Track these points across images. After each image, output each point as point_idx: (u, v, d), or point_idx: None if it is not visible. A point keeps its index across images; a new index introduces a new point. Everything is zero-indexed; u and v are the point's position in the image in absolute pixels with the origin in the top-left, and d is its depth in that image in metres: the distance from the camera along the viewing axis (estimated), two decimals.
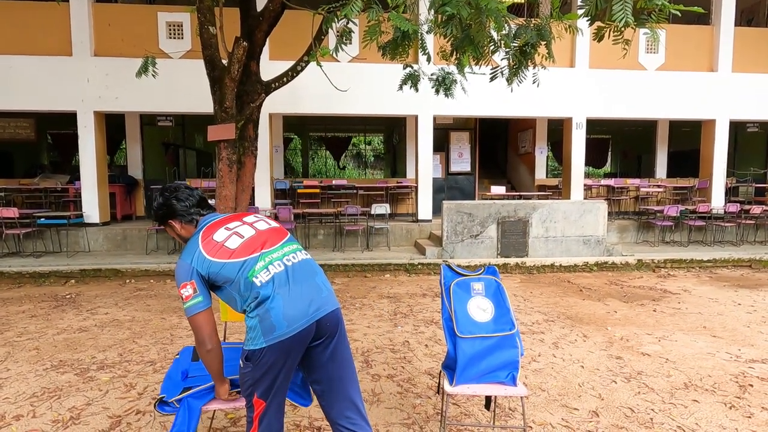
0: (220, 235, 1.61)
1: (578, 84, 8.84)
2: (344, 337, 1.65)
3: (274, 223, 1.73)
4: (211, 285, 1.60)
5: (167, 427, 2.42)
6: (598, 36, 3.38)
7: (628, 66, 8.69)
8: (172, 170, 9.90)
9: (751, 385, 2.94)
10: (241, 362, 1.56)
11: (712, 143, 9.23)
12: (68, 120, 8.22)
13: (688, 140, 11.59)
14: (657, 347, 3.62)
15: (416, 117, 8.71)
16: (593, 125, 9.93)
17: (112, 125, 9.07)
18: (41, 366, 3.24)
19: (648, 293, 5.43)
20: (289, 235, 1.72)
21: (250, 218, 1.71)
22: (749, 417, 2.55)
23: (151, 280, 6.12)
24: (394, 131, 12.81)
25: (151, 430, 2.41)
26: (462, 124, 10.92)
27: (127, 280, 6.12)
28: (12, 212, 6.76)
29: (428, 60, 5.01)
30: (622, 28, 2.88)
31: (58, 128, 10.78)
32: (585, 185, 9.35)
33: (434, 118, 8.83)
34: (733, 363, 3.31)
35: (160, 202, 1.73)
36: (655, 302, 5.00)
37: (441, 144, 10.59)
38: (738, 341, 3.76)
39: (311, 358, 1.60)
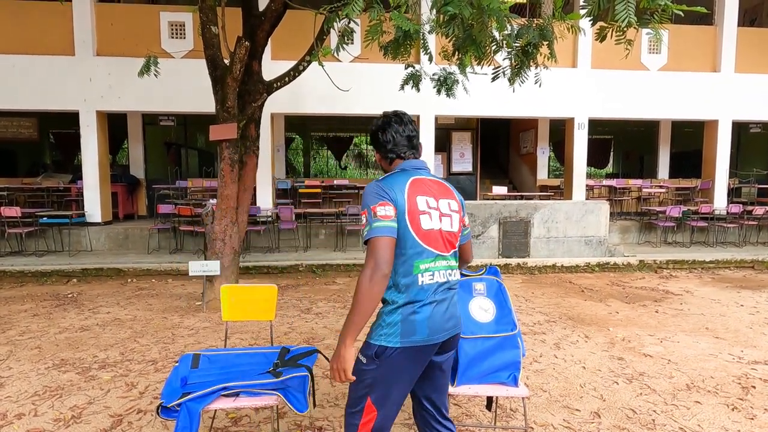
0: (421, 202, 1.48)
1: (580, 84, 8.82)
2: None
3: (456, 227, 1.56)
4: None
5: (168, 427, 2.42)
6: (601, 36, 3.37)
7: (630, 66, 8.67)
8: (174, 170, 9.91)
9: (754, 387, 2.93)
10: (362, 357, 1.42)
11: (714, 144, 9.20)
12: (71, 119, 8.25)
13: (690, 141, 11.56)
14: (659, 348, 3.61)
15: (418, 117, 8.71)
16: (595, 125, 9.91)
17: (114, 125, 9.09)
18: (43, 365, 3.24)
19: (650, 294, 5.42)
20: (456, 247, 1.59)
21: (445, 206, 1.53)
22: (752, 419, 2.54)
23: (153, 280, 6.13)
24: None
25: (152, 429, 2.41)
26: (464, 124, 10.91)
27: (129, 280, 6.13)
28: (14, 211, 6.78)
29: (430, 60, 5.00)
30: (625, 29, 2.87)
31: (61, 128, 10.81)
32: (587, 186, 9.34)
33: (436, 118, 8.82)
34: (735, 364, 3.29)
35: (378, 124, 1.64)
36: (657, 303, 4.99)
37: (443, 144, 10.59)
38: (740, 342, 3.75)
39: (428, 370, 1.54)
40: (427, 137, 8.65)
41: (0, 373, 3.09)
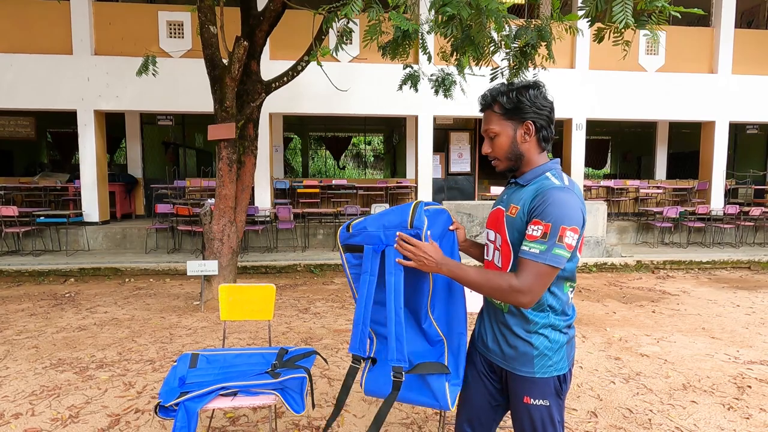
0: None
1: (578, 85, 8.85)
2: None
3: None
4: None
5: (166, 426, 2.42)
6: (598, 37, 3.39)
7: (628, 67, 8.70)
8: (172, 169, 9.89)
9: (750, 387, 2.95)
10: (542, 402, 1.23)
11: (711, 145, 9.24)
12: (68, 118, 8.22)
13: (687, 142, 11.61)
14: (656, 348, 3.63)
15: (416, 117, 8.72)
16: (593, 126, 9.95)
17: (112, 124, 9.07)
18: (40, 364, 3.24)
19: (647, 294, 5.44)
20: None
21: None
22: (747, 418, 2.56)
23: (151, 279, 6.12)
24: (394, 131, 12.82)
25: (150, 428, 2.41)
26: (462, 124, 10.93)
27: (127, 279, 6.12)
28: (11, 210, 6.76)
29: (429, 60, 5.02)
30: (623, 30, 2.88)
31: (58, 127, 10.78)
32: (585, 186, 9.36)
33: (434, 119, 8.84)
34: (731, 364, 3.31)
35: (546, 96, 1.27)
36: (654, 303, 5.01)
37: (441, 144, 10.60)
38: (737, 342, 3.77)
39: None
40: (425, 137, 8.66)
41: None
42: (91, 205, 7.95)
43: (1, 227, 7.02)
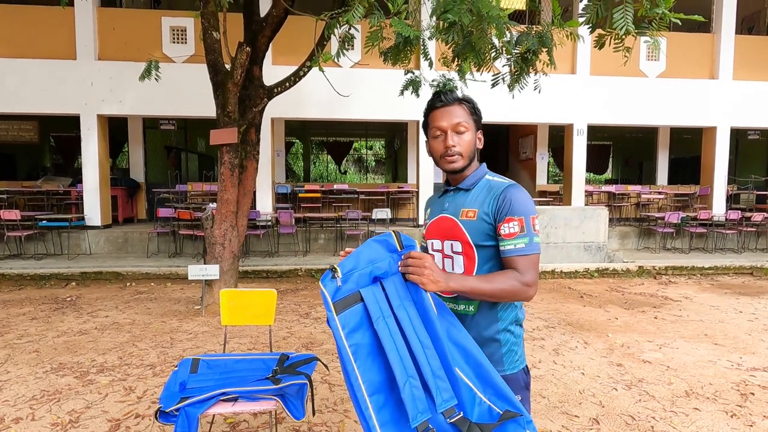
0: None
1: (579, 90, 8.87)
2: None
3: None
4: None
5: (166, 431, 2.42)
6: (599, 43, 3.40)
7: (629, 73, 8.72)
8: (174, 173, 9.92)
9: (753, 394, 2.93)
10: (518, 396, 1.20)
11: (713, 150, 9.24)
12: (71, 123, 8.27)
13: (689, 147, 11.61)
14: (658, 354, 3.61)
15: (417, 122, 8.74)
16: (594, 131, 9.96)
17: (115, 128, 9.11)
18: (41, 369, 3.24)
19: (649, 300, 5.42)
20: None
21: None
22: (751, 426, 2.54)
23: (152, 284, 6.12)
24: (395, 136, 12.85)
25: None
26: None
27: (128, 283, 6.12)
28: (14, 214, 6.78)
29: (430, 66, 5.04)
30: (623, 36, 2.89)
31: (61, 131, 10.83)
32: (586, 191, 9.36)
33: None
34: (734, 371, 3.29)
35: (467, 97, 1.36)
36: (656, 309, 4.99)
37: None
38: (739, 349, 3.75)
39: None
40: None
41: None
42: (94, 209, 7.97)
43: (3, 231, 7.04)
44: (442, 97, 1.31)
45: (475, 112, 1.32)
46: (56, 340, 3.85)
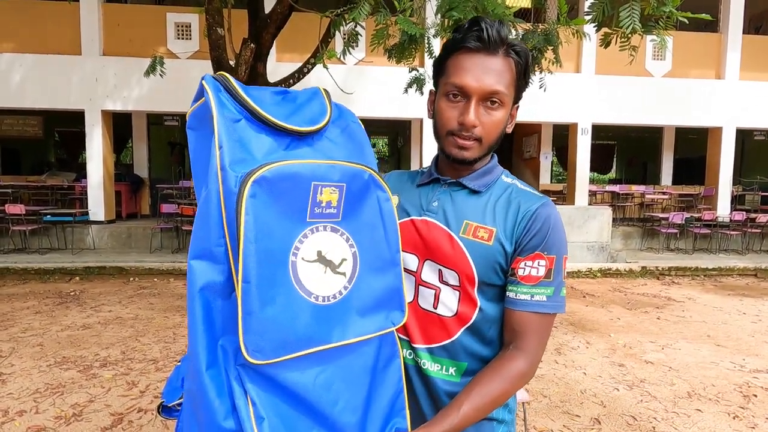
0: None
1: (584, 89, 8.82)
2: None
3: None
4: None
5: (168, 426, 2.43)
6: (605, 42, 3.38)
7: (634, 72, 8.66)
8: (178, 170, 9.95)
9: (755, 395, 2.92)
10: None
11: (718, 151, 9.18)
12: (76, 118, 8.30)
13: (694, 147, 11.54)
14: (660, 355, 3.60)
15: (421, 120, 8.73)
16: (599, 131, 9.91)
17: (119, 124, 9.13)
18: (45, 362, 3.26)
19: (652, 300, 5.40)
20: None
21: None
22: (753, 428, 2.53)
23: (155, 279, 6.15)
24: (398, 134, 12.84)
25: (152, 428, 2.42)
26: None
27: (131, 279, 6.15)
28: (19, 209, 6.82)
29: None
30: (629, 35, 2.88)
31: (66, 126, 10.87)
32: (590, 191, 9.33)
33: None
34: (737, 373, 3.28)
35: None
36: (658, 310, 4.97)
37: None
38: (742, 351, 3.73)
39: None
40: (430, 142, 8.66)
41: (2, 370, 3.11)
42: (98, 204, 8.00)
43: (8, 225, 7.08)
44: (486, 31, 0.77)
45: (524, 74, 0.83)
46: (60, 334, 3.88)
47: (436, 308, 0.83)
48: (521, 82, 0.84)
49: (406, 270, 0.84)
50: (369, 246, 0.74)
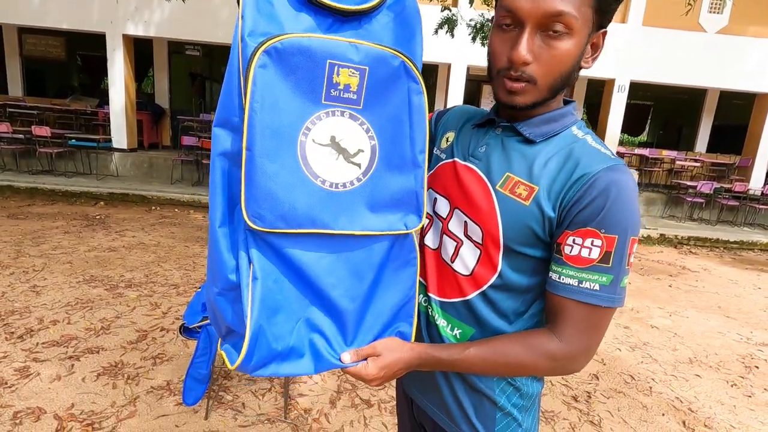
0: None
1: (627, 42, 8.21)
2: None
3: None
4: None
5: (189, 345, 2.60)
6: None
7: (685, 26, 7.98)
8: (199, 102, 9.87)
9: (757, 367, 2.95)
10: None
11: (763, 119, 8.63)
12: (98, 42, 8.16)
13: (736, 114, 10.85)
14: (667, 321, 3.63)
15: (449, 66, 8.33)
16: (635, 89, 9.34)
17: (140, 51, 8.97)
18: (74, 279, 3.46)
19: (666, 268, 5.36)
20: None
21: None
22: (749, 396, 2.58)
23: (176, 209, 6.32)
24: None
25: (174, 346, 2.60)
26: None
27: (153, 207, 6.33)
28: (45, 131, 6.93)
29: (470, 3, 4.70)
30: None
31: (88, 50, 10.73)
32: (618, 153, 8.98)
33: (468, 69, 8.43)
34: (742, 344, 3.30)
35: None
36: (672, 278, 4.95)
37: (473, 97, 10.20)
38: (751, 324, 3.73)
39: None
40: (456, 88, 8.32)
41: (36, 282, 3.32)
42: (120, 132, 8.07)
43: (35, 146, 7.25)
44: None
45: None
46: (87, 254, 4.08)
47: (452, 262, 0.77)
48: (600, 4, 0.66)
49: (436, 215, 0.80)
50: (391, 141, 0.69)
